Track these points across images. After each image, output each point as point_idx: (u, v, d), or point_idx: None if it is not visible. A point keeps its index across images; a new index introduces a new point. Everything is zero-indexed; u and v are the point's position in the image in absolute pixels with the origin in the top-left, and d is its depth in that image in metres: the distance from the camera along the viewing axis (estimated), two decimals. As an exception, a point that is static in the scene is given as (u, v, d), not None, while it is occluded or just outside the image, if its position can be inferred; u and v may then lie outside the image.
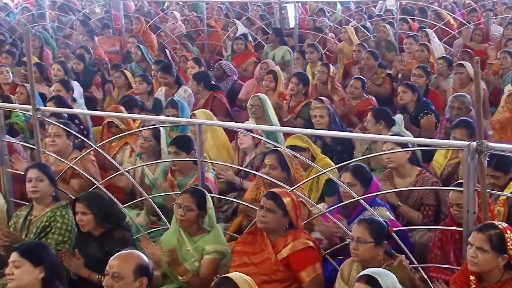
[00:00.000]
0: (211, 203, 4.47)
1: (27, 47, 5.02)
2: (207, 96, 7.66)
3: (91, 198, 4.45)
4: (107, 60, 10.35)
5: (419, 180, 5.13)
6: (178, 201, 4.42)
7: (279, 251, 4.18)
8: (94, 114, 7.16)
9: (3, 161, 5.21)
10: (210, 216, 4.45)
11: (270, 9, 13.46)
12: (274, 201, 4.20)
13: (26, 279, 3.60)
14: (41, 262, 3.62)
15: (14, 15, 13.91)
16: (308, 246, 4.19)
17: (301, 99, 7.53)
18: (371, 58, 8.43)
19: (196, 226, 4.42)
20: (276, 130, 6.28)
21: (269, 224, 4.21)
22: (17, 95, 7.54)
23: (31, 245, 3.76)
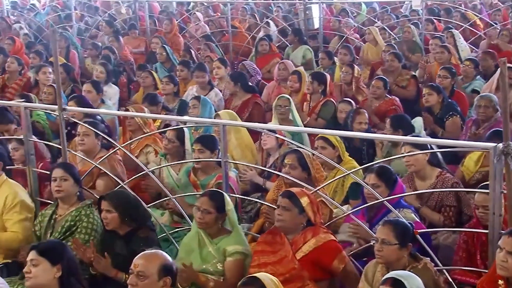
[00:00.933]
0: (230, 204, 4.47)
1: (54, 47, 5.06)
2: (244, 97, 7.63)
3: (116, 197, 4.50)
4: (132, 60, 10.41)
5: (439, 181, 5.10)
6: (197, 203, 4.43)
7: (299, 248, 4.19)
8: (117, 114, 7.19)
9: (30, 160, 5.25)
10: (230, 218, 4.46)
11: (295, 9, 13.44)
12: (290, 199, 4.21)
13: (44, 277, 3.63)
14: (58, 260, 3.65)
15: (41, 16, 14.06)
16: (330, 239, 4.20)
17: (320, 98, 7.52)
18: (395, 59, 8.36)
19: (216, 228, 4.43)
20: (298, 130, 6.27)
21: (286, 222, 4.22)
22: (45, 95, 7.63)
23: (49, 244, 3.80)
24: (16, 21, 13.07)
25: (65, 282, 3.64)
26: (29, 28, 12.71)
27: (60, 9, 14.39)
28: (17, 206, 4.88)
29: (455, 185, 5.07)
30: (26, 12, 14.34)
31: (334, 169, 5.29)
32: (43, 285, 3.65)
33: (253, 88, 7.89)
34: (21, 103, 5.34)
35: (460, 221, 4.99)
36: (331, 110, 7.32)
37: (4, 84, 8.91)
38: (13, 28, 12.20)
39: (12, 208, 4.86)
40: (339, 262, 4.15)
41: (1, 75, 8.98)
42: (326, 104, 7.38)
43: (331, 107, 7.35)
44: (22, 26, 12.43)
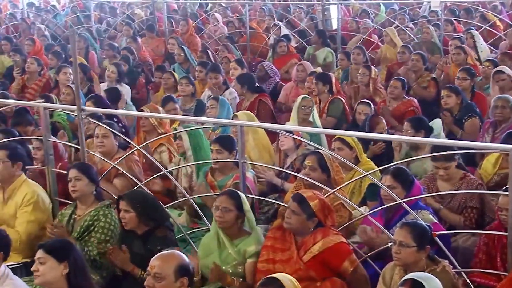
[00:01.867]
0: (247, 205, 4.46)
1: (73, 48, 5.09)
2: (252, 98, 7.66)
3: (134, 197, 4.52)
4: (151, 61, 10.45)
5: (463, 183, 5.05)
6: (216, 203, 4.43)
7: (308, 249, 4.18)
8: (135, 114, 7.20)
9: (49, 160, 5.28)
10: (249, 219, 4.45)
11: (313, 10, 13.42)
12: (299, 204, 4.21)
13: (51, 275, 3.66)
14: (65, 258, 3.67)
15: (61, 17, 14.16)
16: (340, 241, 4.19)
17: (328, 97, 7.52)
18: (420, 60, 8.28)
19: (236, 229, 4.42)
20: (315, 131, 6.25)
21: (293, 226, 4.22)
22: (64, 96, 7.68)
23: (56, 243, 3.83)
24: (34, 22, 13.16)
25: (73, 279, 3.67)
26: (48, 29, 12.81)
27: (79, 10, 14.48)
28: (31, 206, 4.92)
29: (480, 187, 5.03)
30: (45, 13, 14.45)
31: (351, 170, 5.27)
32: (51, 283, 3.69)
33: (260, 88, 7.89)
34: (40, 104, 5.37)
35: (481, 223, 4.95)
36: (339, 107, 7.35)
37: (24, 84, 8.99)
38: (36, 28, 12.28)
39: (26, 206, 4.91)
40: (348, 264, 4.14)
41: (21, 76, 9.05)
42: (333, 101, 7.39)
43: (338, 104, 7.37)
44: (43, 27, 12.52)
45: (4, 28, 13.31)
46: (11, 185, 4.97)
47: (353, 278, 4.17)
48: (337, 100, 7.43)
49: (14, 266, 4.73)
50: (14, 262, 4.79)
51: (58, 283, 3.66)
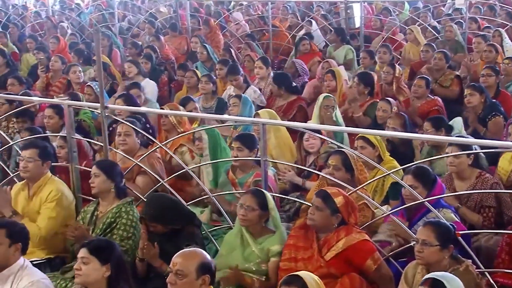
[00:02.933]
0: (272, 203, 4.47)
1: (97, 46, 5.12)
2: (289, 99, 7.60)
3: (154, 211, 4.49)
4: (173, 59, 10.49)
5: (478, 182, 5.03)
6: (240, 201, 4.44)
7: (332, 247, 4.16)
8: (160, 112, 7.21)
9: (72, 158, 5.32)
10: (274, 217, 4.45)
11: (336, 8, 13.38)
12: (323, 199, 4.20)
13: (93, 276, 3.67)
14: (108, 260, 3.69)
15: (85, 16, 14.27)
16: (363, 239, 4.17)
17: (366, 99, 7.43)
18: (443, 59, 8.21)
19: (259, 227, 4.43)
20: (338, 130, 6.22)
21: (316, 222, 4.21)
22: (86, 96, 7.74)
23: (100, 243, 3.84)
24: (59, 21, 13.28)
25: (113, 282, 3.69)
26: (72, 27, 12.91)
27: (103, 8, 14.58)
28: (54, 202, 4.95)
29: (495, 185, 5.00)
30: (70, 12, 14.57)
31: (374, 169, 5.25)
32: (91, 284, 3.70)
33: (296, 89, 7.85)
34: (65, 101, 5.41)
35: (501, 222, 4.90)
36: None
37: (48, 82, 9.08)
38: (60, 27, 12.39)
39: (49, 203, 4.94)
40: (372, 262, 4.12)
41: (45, 74, 9.14)
42: (373, 105, 7.23)
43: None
44: (67, 26, 12.63)
45: (29, 26, 13.44)
46: (37, 182, 5.01)
47: (376, 276, 4.15)
48: (376, 104, 7.20)
49: (38, 262, 4.78)
50: (38, 258, 4.85)
51: (98, 285, 3.68)
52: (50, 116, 6.45)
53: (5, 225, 4.01)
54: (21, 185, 5.13)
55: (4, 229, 3.94)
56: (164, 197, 4.77)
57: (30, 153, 4.97)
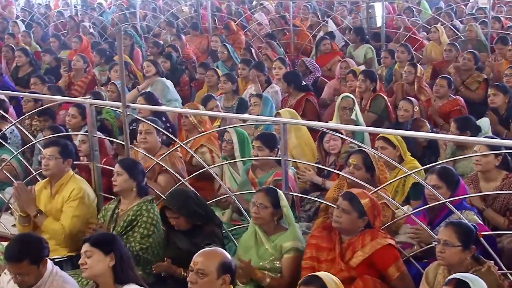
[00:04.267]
0: (285, 201, 4.47)
1: (119, 45, 5.14)
2: (298, 97, 7.61)
3: (178, 202, 4.54)
4: (194, 58, 10.51)
5: (505, 184, 4.96)
6: (253, 199, 4.46)
7: (356, 251, 4.14)
8: (180, 111, 7.24)
9: (94, 156, 5.36)
10: (286, 214, 4.45)
11: (357, 8, 13.33)
12: (350, 202, 4.16)
13: (99, 267, 3.70)
14: (111, 250, 3.72)
15: (107, 15, 14.36)
16: (388, 244, 4.14)
17: (371, 95, 7.44)
18: (472, 60, 8.09)
19: (273, 225, 4.44)
20: (359, 129, 6.19)
21: (343, 225, 4.18)
22: (109, 93, 7.79)
23: (100, 236, 3.89)
24: (82, 20, 13.38)
25: (119, 271, 3.72)
26: (95, 26, 13.00)
27: (125, 7, 14.66)
28: (77, 201, 4.99)
29: (523, 188, 4.93)
30: (91, 11, 14.67)
31: (395, 169, 5.22)
32: (98, 275, 3.73)
33: (306, 86, 7.85)
34: (86, 100, 5.44)
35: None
36: (381, 104, 7.29)
37: (70, 81, 9.15)
38: (82, 26, 12.49)
39: (72, 201, 4.98)
40: (395, 270, 4.09)
41: (68, 73, 9.21)
42: (375, 98, 7.32)
43: (380, 101, 7.30)
44: (90, 25, 12.72)
45: (52, 25, 13.55)
46: (59, 180, 5.05)
47: (398, 284, 4.11)
48: (379, 97, 7.36)
49: (60, 260, 4.82)
50: (59, 256, 4.89)
51: (105, 275, 3.71)
52: (74, 115, 6.50)
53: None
54: (43, 183, 5.17)
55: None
56: (189, 191, 4.79)
57: (51, 151, 5.01)
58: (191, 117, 6.32)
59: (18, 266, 3.76)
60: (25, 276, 3.77)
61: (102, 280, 3.73)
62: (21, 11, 15.00)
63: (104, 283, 3.73)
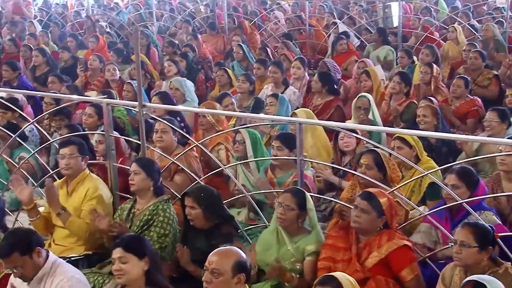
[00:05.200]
0: (311, 204, 4.46)
1: (135, 45, 5.15)
2: (327, 98, 7.55)
3: (200, 193, 4.56)
4: (210, 58, 10.53)
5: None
6: (279, 200, 4.44)
7: (372, 251, 4.12)
8: (196, 111, 7.25)
9: (110, 155, 5.37)
10: (311, 217, 4.44)
11: (374, 7, 13.29)
12: (369, 201, 4.14)
13: (134, 272, 3.71)
14: (145, 254, 3.72)
15: (123, 14, 14.42)
16: (405, 245, 4.11)
17: (402, 98, 7.38)
18: (479, 58, 8.11)
19: (296, 226, 4.42)
20: (375, 129, 6.16)
21: (362, 225, 4.16)
22: (125, 93, 7.82)
23: (133, 239, 3.85)
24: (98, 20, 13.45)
25: (151, 275, 3.72)
26: (111, 26, 13.06)
27: (142, 8, 14.72)
28: (95, 199, 5.00)
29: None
30: (108, 11, 14.73)
31: (411, 169, 5.20)
32: (133, 280, 3.74)
33: (337, 91, 7.80)
34: (103, 99, 5.46)
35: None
36: (414, 112, 7.18)
37: (87, 81, 9.20)
38: (99, 26, 12.55)
39: (91, 200, 4.99)
40: (409, 271, 4.06)
41: (84, 73, 9.26)
42: (410, 106, 7.20)
43: (413, 109, 7.19)
44: (106, 25, 12.79)
45: (70, 25, 13.63)
46: (75, 178, 5.07)
47: (412, 287, 4.08)
48: (413, 104, 7.19)
49: (76, 258, 4.85)
50: (76, 254, 4.92)
51: (138, 280, 3.72)
52: (90, 114, 6.53)
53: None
54: (60, 183, 5.20)
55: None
56: (214, 189, 4.78)
57: (70, 150, 5.04)
58: (209, 116, 6.33)
59: (10, 260, 3.81)
60: (21, 268, 3.82)
61: (136, 284, 3.74)
62: (39, 11, 15.10)
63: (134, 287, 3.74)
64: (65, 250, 4.90)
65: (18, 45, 11.02)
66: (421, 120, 6.24)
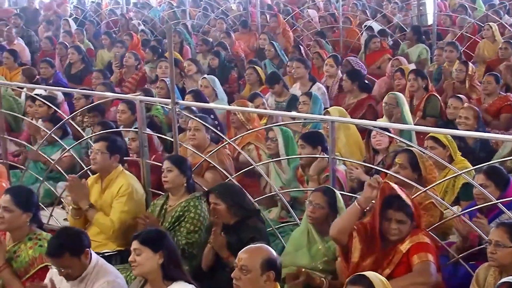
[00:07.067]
0: (341, 202, 4.44)
1: (169, 43, 5.19)
2: (359, 97, 7.51)
3: (222, 189, 4.58)
4: (243, 56, 10.55)
5: None
6: (309, 198, 4.43)
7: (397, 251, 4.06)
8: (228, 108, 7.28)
9: (143, 152, 5.42)
10: None
11: (408, 6, 13.18)
12: (404, 212, 4.04)
13: (148, 265, 3.73)
14: (159, 248, 3.74)
15: (157, 12, 14.51)
16: (425, 241, 4.03)
17: (423, 94, 7.30)
18: None
19: (327, 225, 4.37)
20: (407, 128, 6.10)
21: (402, 234, 4.05)
22: (158, 90, 7.88)
23: (150, 233, 3.88)
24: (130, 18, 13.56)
25: (167, 269, 3.75)
26: (145, 24, 13.16)
27: (175, 5, 14.80)
28: (125, 197, 5.04)
29: None
30: (142, 8, 14.85)
31: (445, 169, 5.14)
32: (148, 273, 3.77)
33: (369, 87, 7.76)
34: (136, 97, 5.51)
35: None
36: (437, 105, 7.15)
37: (122, 78, 9.29)
38: (131, 24, 12.67)
39: (121, 197, 5.03)
40: (418, 257, 3.95)
41: (119, 70, 9.36)
42: (430, 99, 7.16)
43: (435, 102, 7.16)
44: (139, 23, 12.90)
45: (104, 23, 13.78)
46: (108, 175, 5.12)
47: (416, 269, 3.95)
48: (434, 97, 7.19)
49: (109, 254, 4.90)
50: (109, 250, 4.98)
51: (154, 273, 3.74)
52: (123, 110, 6.60)
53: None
54: (94, 178, 5.26)
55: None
56: (236, 185, 4.84)
57: (99, 146, 5.09)
58: (239, 115, 6.34)
59: (60, 260, 3.83)
60: (69, 268, 3.84)
61: (151, 277, 3.77)
62: (74, 9, 15.29)
63: (153, 280, 3.77)
64: (98, 246, 4.93)
65: (54, 43, 11.21)
66: (462, 122, 6.14)
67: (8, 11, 14.57)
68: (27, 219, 4.27)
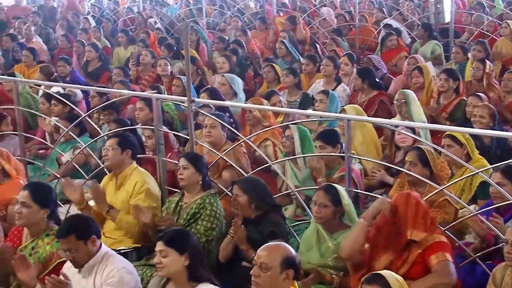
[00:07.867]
0: (346, 199, 4.42)
1: (185, 41, 5.20)
2: (371, 94, 7.47)
3: (247, 181, 4.66)
4: (259, 54, 10.54)
5: None
6: (314, 198, 4.44)
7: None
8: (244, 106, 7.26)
9: (159, 150, 5.43)
10: (348, 212, 4.42)
11: (426, 3, 13.10)
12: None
13: (174, 267, 3.74)
14: (185, 249, 3.75)
15: (173, 10, 14.54)
16: (441, 240, 4.02)
17: (452, 96, 7.23)
18: None
19: (335, 222, 4.40)
20: (422, 127, 6.05)
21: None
22: (174, 87, 7.91)
23: (175, 234, 3.87)
24: (150, 16, 13.60)
25: (193, 270, 3.75)
26: (162, 22, 13.19)
27: (191, 3, 14.83)
28: (143, 193, 5.05)
29: None
30: (159, 6, 14.89)
31: (462, 167, 5.12)
32: (173, 274, 3.78)
33: (379, 84, 7.74)
34: (153, 94, 5.52)
35: None
36: (464, 110, 7.06)
37: (138, 76, 9.33)
38: (148, 22, 12.71)
39: (138, 194, 5.04)
40: (436, 257, 3.94)
41: (136, 67, 9.39)
42: (461, 104, 7.05)
43: (463, 108, 7.05)
44: (156, 21, 12.93)
45: (121, 21, 13.84)
46: (122, 172, 5.13)
47: (436, 270, 3.94)
48: (464, 102, 7.01)
49: (126, 251, 4.92)
50: (125, 247, 4.99)
51: (179, 274, 3.75)
52: (141, 108, 6.62)
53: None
54: (109, 176, 5.28)
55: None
56: (260, 179, 4.83)
57: (110, 142, 5.11)
58: (255, 112, 6.34)
59: (65, 241, 3.92)
60: (74, 252, 3.91)
61: (177, 278, 3.78)
62: (91, 7, 15.37)
63: (178, 281, 3.78)
64: (114, 243, 4.96)
65: (71, 41, 11.27)
66: (477, 121, 6.07)
67: (26, 9, 14.66)
68: (45, 215, 4.31)
